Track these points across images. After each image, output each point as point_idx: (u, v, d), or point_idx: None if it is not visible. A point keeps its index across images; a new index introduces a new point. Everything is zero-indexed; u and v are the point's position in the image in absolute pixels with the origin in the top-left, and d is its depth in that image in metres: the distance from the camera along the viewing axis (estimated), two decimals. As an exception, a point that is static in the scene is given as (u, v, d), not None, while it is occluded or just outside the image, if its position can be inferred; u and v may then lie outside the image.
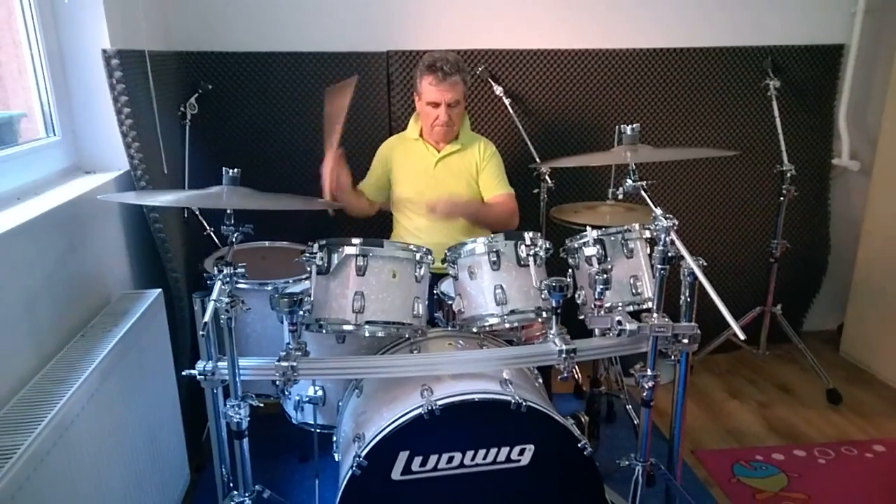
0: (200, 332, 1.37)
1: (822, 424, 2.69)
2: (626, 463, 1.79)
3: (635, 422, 2.35)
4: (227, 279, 1.43)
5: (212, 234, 2.33)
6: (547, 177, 2.58)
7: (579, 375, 2.83)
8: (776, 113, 2.82)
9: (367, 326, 1.61)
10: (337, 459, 1.76)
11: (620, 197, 1.75)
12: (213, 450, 1.67)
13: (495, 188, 2.41)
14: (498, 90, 2.74)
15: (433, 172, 2.41)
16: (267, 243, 2.32)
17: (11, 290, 1.40)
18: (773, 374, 3.11)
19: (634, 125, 1.76)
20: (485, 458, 1.54)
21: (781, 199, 2.81)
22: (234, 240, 1.51)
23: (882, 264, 3.03)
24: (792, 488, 2.27)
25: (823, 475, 2.34)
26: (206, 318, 1.32)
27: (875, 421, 2.71)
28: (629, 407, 2.41)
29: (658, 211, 1.57)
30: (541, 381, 1.90)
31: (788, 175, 2.77)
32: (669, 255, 1.58)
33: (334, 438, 1.84)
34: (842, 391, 2.86)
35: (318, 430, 1.92)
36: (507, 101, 2.74)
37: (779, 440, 2.57)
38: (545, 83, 2.83)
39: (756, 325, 3.01)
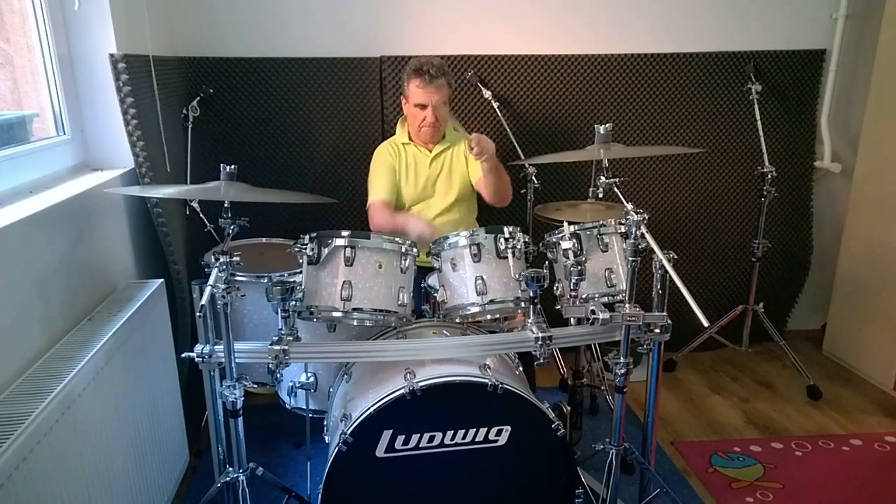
0: (198, 314, 1.47)
1: (800, 419, 2.74)
2: (601, 447, 1.86)
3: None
4: (224, 266, 1.53)
5: (212, 230, 2.43)
6: (534, 177, 2.68)
7: (565, 370, 2.91)
8: (758, 116, 2.89)
9: (354, 313, 1.70)
10: (327, 441, 1.84)
11: (601, 195, 1.85)
12: (210, 429, 1.76)
13: None
14: (487, 94, 2.82)
15: (428, 171, 2.50)
16: (264, 240, 2.43)
17: (25, 275, 1.50)
18: (755, 370, 3.17)
19: (607, 125, 1.86)
20: (464, 437, 1.63)
21: (762, 199, 2.88)
22: (230, 231, 1.61)
23: (863, 264, 3.08)
24: (767, 478, 2.34)
25: (799, 466, 2.41)
26: (203, 300, 1.42)
27: (854, 417, 2.76)
28: (610, 398, 2.49)
29: (629, 206, 1.67)
30: (521, 369, 1.99)
31: (769, 176, 2.84)
32: (640, 247, 1.67)
33: (325, 422, 1.92)
34: (822, 388, 2.91)
35: (310, 416, 2.01)
36: (495, 105, 2.82)
37: (757, 433, 2.63)
38: (532, 87, 2.90)
39: (739, 323, 3.09)
